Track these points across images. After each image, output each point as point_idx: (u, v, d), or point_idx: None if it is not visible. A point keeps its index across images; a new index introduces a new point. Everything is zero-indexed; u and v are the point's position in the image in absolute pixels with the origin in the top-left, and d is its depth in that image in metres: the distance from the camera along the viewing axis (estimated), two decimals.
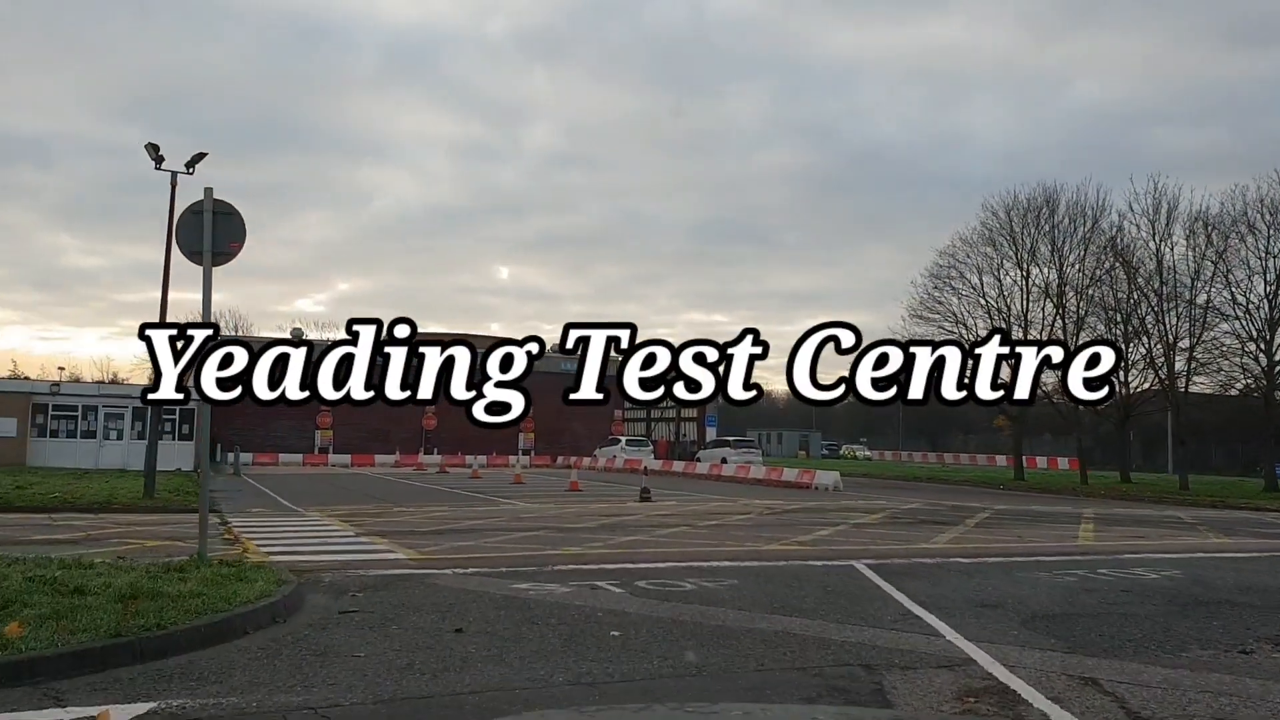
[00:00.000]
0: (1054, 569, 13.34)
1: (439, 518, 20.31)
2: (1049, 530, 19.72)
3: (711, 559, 13.68)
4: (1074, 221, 42.95)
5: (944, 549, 15.83)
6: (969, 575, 12.59)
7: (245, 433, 53.67)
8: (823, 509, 24.39)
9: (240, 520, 19.35)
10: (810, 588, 11.13)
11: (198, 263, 10.85)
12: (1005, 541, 17.20)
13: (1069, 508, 27.75)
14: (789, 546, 15.58)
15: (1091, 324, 42.29)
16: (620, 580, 11.33)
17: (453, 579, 11.33)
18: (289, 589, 9.45)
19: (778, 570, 12.62)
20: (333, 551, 14.03)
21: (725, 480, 39.58)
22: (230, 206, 10.93)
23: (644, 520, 20.24)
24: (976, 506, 26.67)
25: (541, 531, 17.38)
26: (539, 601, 9.84)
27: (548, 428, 56.85)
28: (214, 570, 9.97)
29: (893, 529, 19.30)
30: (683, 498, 28.34)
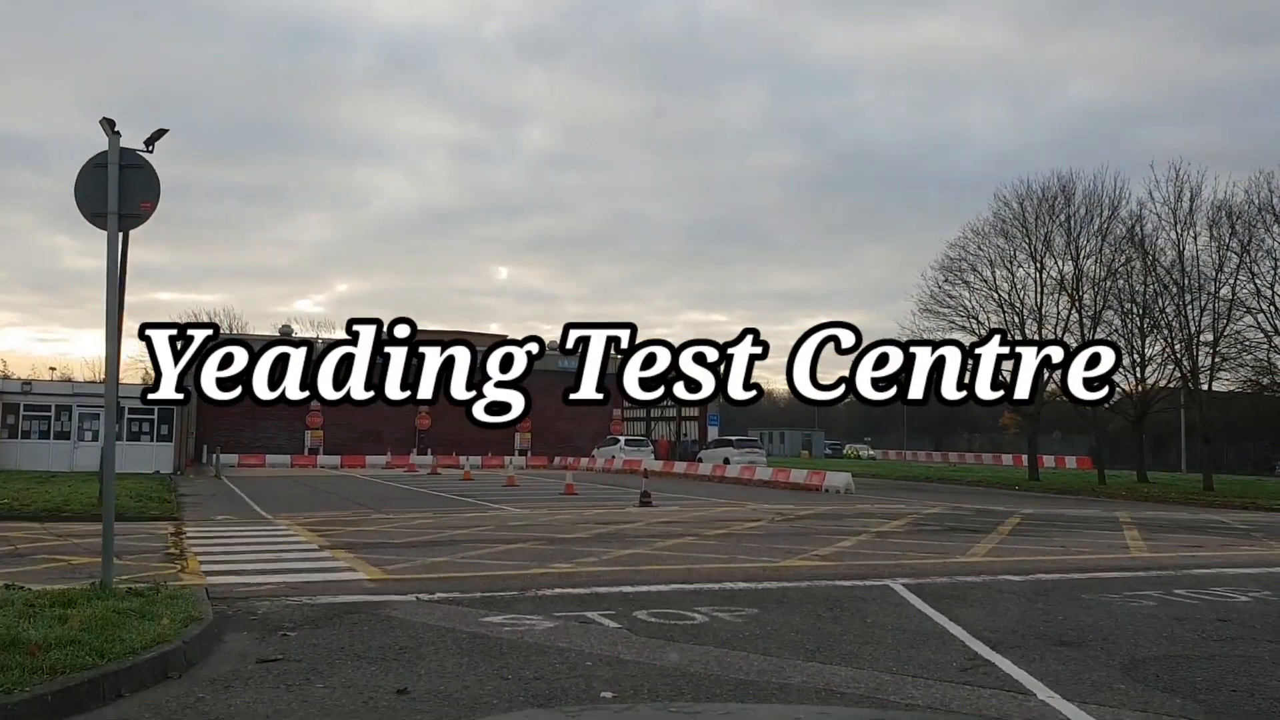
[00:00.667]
0: (1122, 590, 11.42)
1: (417, 526, 18.38)
2: (1092, 538, 17.79)
3: (723, 578, 11.74)
4: (1090, 211, 41.02)
5: (985, 563, 13.91)
6: (1029, 599, 10.66)
7: (232, 433, 51.72)
8: (838, 515, 22.44)
9: (198, 530, 17.42)
10: (847, 619, 9.20)
11: (102, 226, 8.91)
12: (1050, 553, 15.28)
13: (1098, 511, 25.83)
14: (810, 562, 13.63)
15: (1108, 318, 40.46)
16: (616, 610, 9.41)
17: (414, 609, 9.39)
18: (199, 629, 7.53)
19: (803, 594, 10.68)
20: (285, 570, 12.09)
21: (729, 482, 37.60)
22: (140, 158, 9.03)
23: (644, 529, 18.30)
24: (1002, 510, 24.74)
25: (529, 544, 15.44)
26: (514, 643, 7.91)
27: (545, 427, 54.89)
28: (112, 604, 8.04)
29: (921, 538, 17.36)
30: (686, 502, 26.37)
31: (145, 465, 38.29)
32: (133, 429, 39.86)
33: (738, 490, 33.02)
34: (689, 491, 31.41)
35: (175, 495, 25.65)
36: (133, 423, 39.83)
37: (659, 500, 25.36)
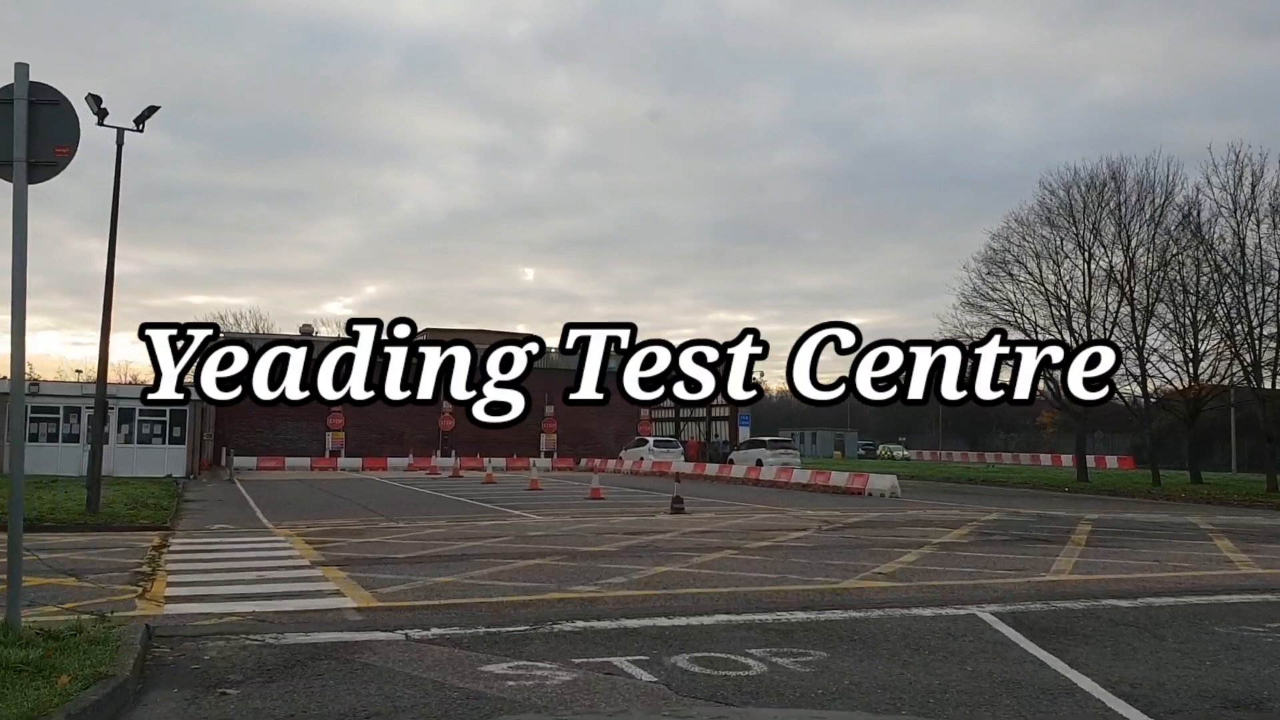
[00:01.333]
0: (1263, 620, 9.47)
1: (428, 537, 16.61)
2: (1183, 550, 15.76)
3: (777, 606, 9.85)
4: (1143, 198, 38.68)
5: (1077, 583, 11.95)
6: (1154, 634, 8.71)
7: (251, 435, 50.35)
8: (890, 522, 20.46)
9: (184, 543, 15.73)
10: (942, 666, 7.30)
11: (7, 178, 7.13)
12: (1145, 568, 13.29)
13: (1167, 515, 23.72)
14: (874, 583, 11.70)
15: (1160, 312, 38.13)
16: (649, 653, 7.55)
17: (399, 653, 7.57)
18: (105, 691, 5.74)
19: (876, 628, 8.78)
20: (259, 596, 10.31)
21: (765, 485, 35.61)
22: (56, 93, 7.23)
23: (678, 540, 16.43)
24: (1064, 516, 22.69)
25: (548, 559, 13.61)
26: (520, 704, 6.08)
27: (570, 428, 53.10)
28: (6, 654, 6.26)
29: (990, 551, 15.38)
30: (720, 508, 24.44)
31: (157, 469, 36.84)
32: (144, 431, 38.45)
33: (774, 494, 31.05)
34: (723, 496, 29.48)
35: (177, 501, 24.05)
36: (144, 425, 38.43)
37: (692, 506, 23.47)
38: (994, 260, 41.18)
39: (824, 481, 33.53)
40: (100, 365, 20.79)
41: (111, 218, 19.94)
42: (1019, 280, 40.60)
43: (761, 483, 36.28)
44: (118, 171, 19.92)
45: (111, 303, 20.14)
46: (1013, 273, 40.68)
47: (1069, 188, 39.86)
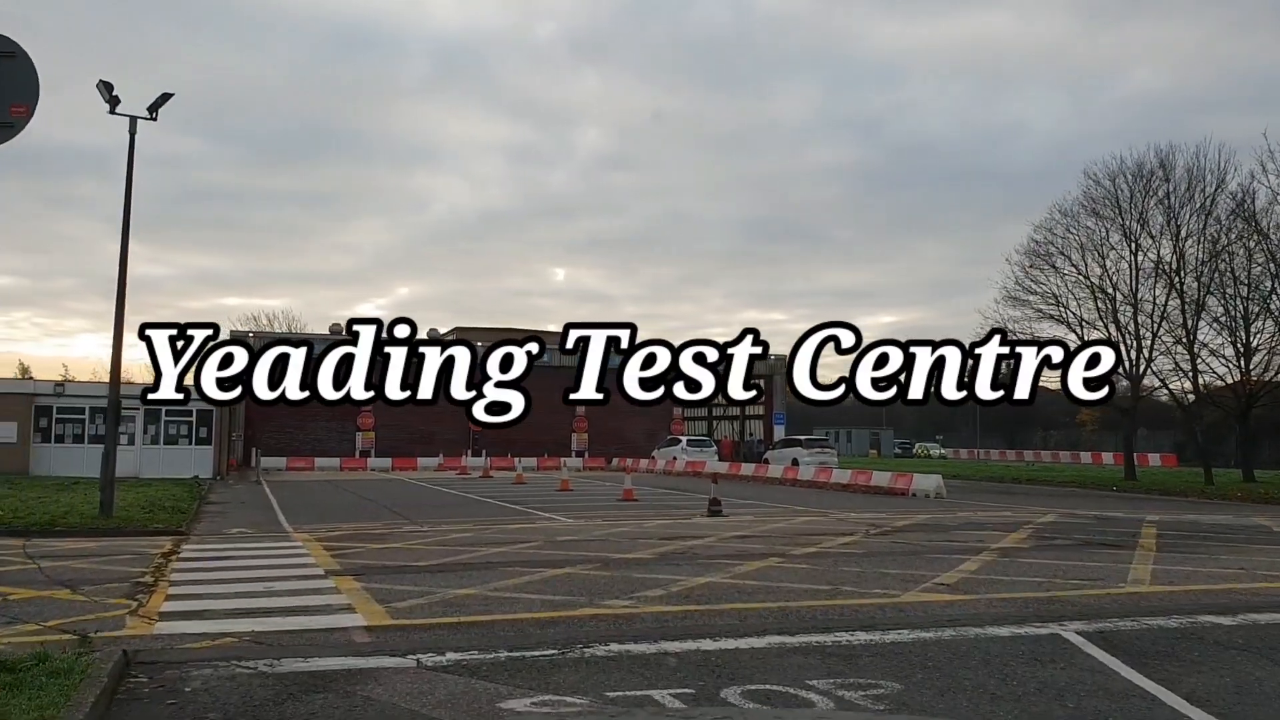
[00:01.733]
0: None
1: (452, 542, 15.69)
2: (1267, 556, 14.57)
3: (833, 625, 8.81)
4: (1192, 186, 37.07)
5: (1162, 594, 10.81)
6: (1270, 659, 7.60)
7: (281, 435, 49.83)
8: (941, 526, 19.32)
9: (196, 549, 14.90)
10: (1036, 701, 6.24)
11: None
12: (1232, 578, 12.13)
13: (1231, 517, 22.44)
14: (938, 596, 10.63)
15: (1210, 305, 36.58)
16: (694, 684, 6.55)
17: (408, 683, 6.62)
18: None
19: (950, 651, 7.73)
20: (263, 611, 9.40)
21: (803, 486, 34.45)
22: (12, 44, 6.33)
23: (717, 546, 15.40)
24: (1124, 518, 21.46)
25: (578, 567, 12.63)
26: None
27: (602, 428, 52.11)
28: None
29: (1056, 557, 14.24)
30: (759, 510, 23.37)
31: (184, 470, 36.25)
32: (170, 432, 37.91)
33: (814, 495, 29.90)
34: (760, 497, 28.38)
35: (197, 504, 23.29)
36: (170, 425, 37.88)
37: (729, 508, 22.41)
38: (1037, 253, 39.80)
39: (865, 482, 32.35)
40: (113, 365, 20.06)
41: (124, 210, 19.22)
42: (1063, 273, 39.20)
43: (799, 483, 35.15)
44: (130, 162, 19.17)
45: (124, 300, 19.38)
46: (1056, 265, 39.27)
47: (1114, 177, 38.39)
